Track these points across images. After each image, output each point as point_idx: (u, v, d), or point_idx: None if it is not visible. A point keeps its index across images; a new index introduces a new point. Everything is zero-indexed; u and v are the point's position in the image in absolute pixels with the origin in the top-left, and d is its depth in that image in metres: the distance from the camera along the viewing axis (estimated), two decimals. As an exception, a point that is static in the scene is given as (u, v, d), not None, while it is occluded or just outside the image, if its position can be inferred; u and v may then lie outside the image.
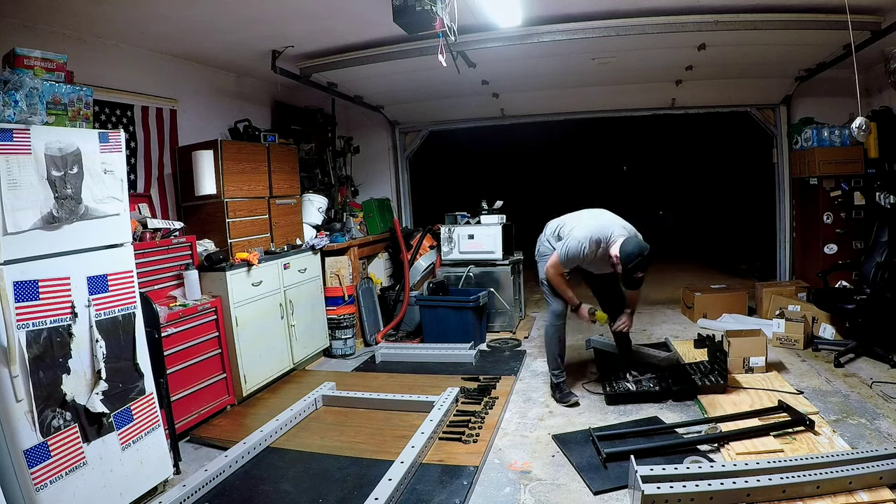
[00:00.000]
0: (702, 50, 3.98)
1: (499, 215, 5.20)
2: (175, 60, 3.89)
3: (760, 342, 3.47)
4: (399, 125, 6.30)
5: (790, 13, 3.42)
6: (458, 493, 2.36)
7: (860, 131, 3.27)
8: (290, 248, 4.19)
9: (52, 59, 2.29)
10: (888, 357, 3.55)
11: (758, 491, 2.11)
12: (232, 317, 3.45)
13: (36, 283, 2.05)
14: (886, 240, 3.89)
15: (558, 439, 2.84)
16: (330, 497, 2.41)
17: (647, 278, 3.36)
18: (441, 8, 2.52)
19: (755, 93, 5.33)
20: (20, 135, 2.01)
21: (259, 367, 3.69)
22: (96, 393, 2.22)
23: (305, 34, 3.60)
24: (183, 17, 3.10)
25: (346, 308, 4.58)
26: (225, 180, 3.70)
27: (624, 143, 9.75)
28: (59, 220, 2.14)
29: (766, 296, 4.77)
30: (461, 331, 4.48)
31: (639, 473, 2.15)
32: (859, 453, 2.30)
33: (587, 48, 3.96)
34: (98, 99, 2.98)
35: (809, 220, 5.12)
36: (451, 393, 3.28)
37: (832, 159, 4.82)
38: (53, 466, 2.05)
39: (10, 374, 1.92)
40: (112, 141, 2.40)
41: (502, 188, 6.33)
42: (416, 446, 2.64)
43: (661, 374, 3.45)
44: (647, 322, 5.05)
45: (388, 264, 5.76)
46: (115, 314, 2.36)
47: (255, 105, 4.82)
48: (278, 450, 2.87)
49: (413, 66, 4.12)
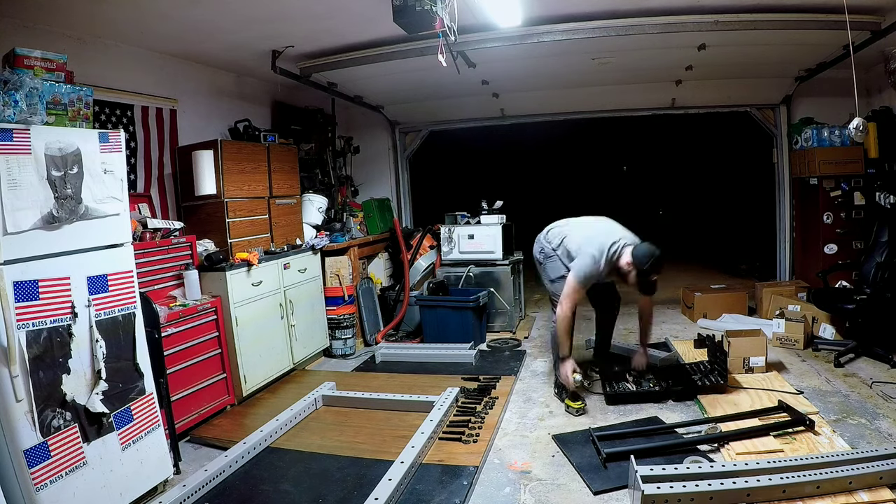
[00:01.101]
0: (702, 50, 3.98)
1: (499, 215, 5.20)
2: (175, 60, 3.89)
3: (760, 342, 3.47)
4: (399, 125, 6.30)
5: (790, 13, 3.42)
6: (458, 493, 2.36)
7: (857, 132, 3.27)
8: (290, 248, 4.19)
9: (52, 59, 2.30)
10: (888, 357, 3.55)
11: (758, 491, 2.10)
12: (232, 317, 3.45)
13: (36, 283, 2.05)
14: (886, 240, 3.89)
15: (558, 439, 2.83)
16: (330, 497, 2.41)
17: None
18: (441, 8, 2.52)
19: (755, 93, 5.33)
20: (20, 135, 2.01)
21: (259, 367, 3.69)
22: (96, 393, 2.22)
23: (305, 34, 3.60)
24: (183, 16, 3.10)
25: (346, 308, 4.57)
26: (225, 180, 3.70)
27: (624, 143, 9.75)
28: (59, 220, 2.14)
29: (766, 296, 4.77)
30: (461, 331, 4.48)
31: (639, 473, 2.15)
32: (859, 453, 2.30)
33: (587, 48, 3.96)
34: (98, 99, 2.98)
35: (809, 220, 5.12)
36: (451, 393, 3.28)
37: (832, 159, 4.82)
38: (53, 466, 2.05)
39: (10, 374, 1.91)
40: (112, 141, 2.40)
41: (502, 188, 6.33)
42: (416, 446, 2.64)
43: (660, 374, 3.45)
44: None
45: (388, 264, 5.76)
46: (115, 314, 2.36)
47: (255, 105, 4.82)
48: (278, 450, 2.87)
49: (413, 66, 4.12)
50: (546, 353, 4.34)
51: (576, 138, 8.88)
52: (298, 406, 3.25)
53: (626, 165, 10.90)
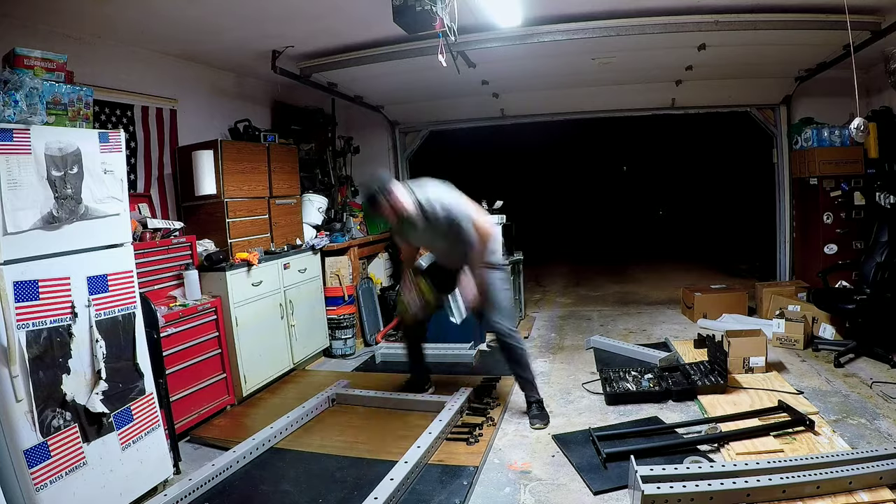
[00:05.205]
0: (702, 50, 3.98)
1: (499, 215, 5.19)
2: (175, 60, 3.88)
3: (760, 342, 3.47)
4: (399, 125, 6.30)
5: (790, 13, 3.42)
6: (458, 493, 2.36)
7: (858, 132, 3.28)
8: (290, 248, 4.19)
9: (52, 59, 2.29)
10: (888, 357, 3.55)
11: (758, 491, 2.10)
12: (232, 317, 3.45)
13: (36, 283, 2.05)
14: (886, 240, 3.89)
15: (558, 439, 2.84)
16: (330, 497, 2.41)
17: (647, 278, 3.34)
18: (441, 8, 2.52)
19: (755, 93, 5.33)
20: (20, 135, 2.01)
21: (259, 367, 3.69)
22: (96, 393, 2.22)
23: (305, 34, 3.60)
24: (183, 17, 3.10)
25: (346, 308, 4.57)
26: (225, 180, 3.70)
27: (624, 143, 9.77)
28: (59, 220, 2.14)
29: (766, 296, 4.77)
30: (461, 331, 4.47)
31: (639, 473, 2.15)
32: (859, 453, 2.30)
33: (587, 48, 3.96)
34: (98, 99, 2.98)
35: (809, 220, 5.12)
36: (464, 393, 3.27)
37: (832, 159, 4.82)
38: (53, 466, 2.05)
39: (10, 374, 1.91)
40: (112, 141, 2.40)
41: (502, 188, 6.32)
42: (421, 446, 2.63)
43: (660, 374, 3.45)
44: (647, 322, 5.05)
45: (388, 264, 5.76)
46: (115, 314, 2.36)
47: (255, 105, 4.82)
48: (279, 450, 2.87)
49: (413, 66, 4.12)
50: (546, 353, 4.34)
51: (576, 138, 8.90)
52: (311, 403, 3.25)
53: (627, 165, 10.92)
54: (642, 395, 3.26)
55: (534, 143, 8.49)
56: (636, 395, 3.26)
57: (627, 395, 3.26)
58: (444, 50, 2.83)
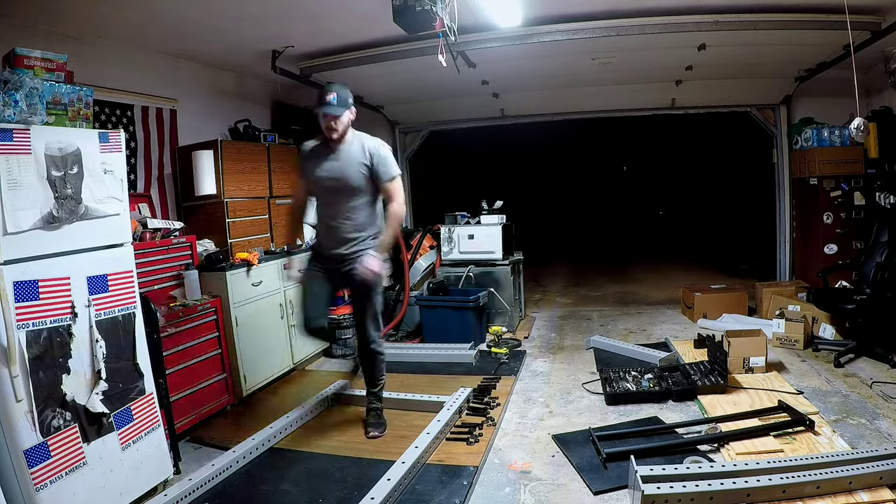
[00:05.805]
0: (702, 50, 3.98)
1: (499, 215, 5.20)
2: (175, 60, 3.89)
3: (760, 342, 3.47)
4: (399, 125, 6.31)
5: (790, 13, 3.42)
6: (458, 493, 2.36)
7: (858, 132, 3.28)
8: (291, 248, 4.19)
9: (52, 59, 2.29)
10: (888, 357, 3.55)
11: (758, 491, 2.10)
12: (232, 317, 3.45)
13: (36, 283, 2.05)
14: (886, 240, 3.89)
15: (558, 439, 2.83)
16: (330, 497, 2.41)
17: (647, 277, 3.35)
18: (441, 8, 2.53)
19: (755, 93, 5.33)
20: (20, 135, 2.01)
21: (259, 367, 3.68)
22: (96, 393, 2.22)
23: (305, 34, 3.61)
24: (183, 17, 3.11)
25: (346, 308, 4.57)
26: (225, 180, 3.70)
27: (624, 143, 9.77)
28: (59, 220, 2.14)
29: (766, 296, 4.77)
30: (461, 331, 4.48)
31: (639, 473, 2.15)
32: (859, 453, 2.30)
33: (587, 48, 3.96)
34: (98, 99, 2.98)
35: (809, 220, 5.12)
36: (463, 393, 3.27)
37: (832, 159, 4.83)
38: (53, 466, 2.05)
39: (10, 374, 1.92)
40: (112, 141, 2.40)
41: (502, 188, 6.33)
42: (419, 446, 2.63)
43: (660, 374, 3.45)
44: (647, 322, 5.05)
45: (388, 264, 5.74)
46: (115, 314, 2.36)
47: (255, 105, 4.82)
48: (279, 450, 2.87)
49: (413, 66, 4.12)
50: (546, 353, 4.34)
51: (576, 138, 8.90)
52: (310, 403, 3.26)
53: (626, 165, 10.92)
54: (642, 395, 3.26)
55: (534, 143, 8.50)
56: (636, 395, 3.26)
57: (627, 395, 3.26)
58: (444, 50, 2.83)
